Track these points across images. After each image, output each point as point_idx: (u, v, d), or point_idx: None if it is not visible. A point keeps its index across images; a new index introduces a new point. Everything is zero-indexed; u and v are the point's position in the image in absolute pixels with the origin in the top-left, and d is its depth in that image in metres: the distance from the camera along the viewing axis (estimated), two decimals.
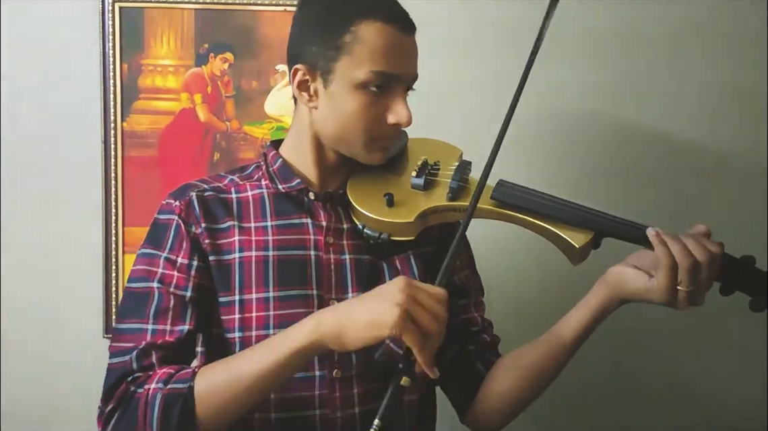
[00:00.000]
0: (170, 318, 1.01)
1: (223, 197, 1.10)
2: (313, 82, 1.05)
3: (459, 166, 1.12)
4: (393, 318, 0.84)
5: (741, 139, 1.62)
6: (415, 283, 0.88)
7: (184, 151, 1.60)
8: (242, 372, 0.92)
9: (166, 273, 1.03)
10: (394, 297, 0.86)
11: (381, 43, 1.01)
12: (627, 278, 1.00)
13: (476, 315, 1.19)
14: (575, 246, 1.02)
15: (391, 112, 1.04)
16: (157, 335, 0.99)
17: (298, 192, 1.10)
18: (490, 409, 1.14)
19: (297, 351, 0.90)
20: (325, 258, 1.07)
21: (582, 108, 1.61)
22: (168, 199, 1.09)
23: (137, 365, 0.97)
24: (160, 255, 1.04)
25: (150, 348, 0.98)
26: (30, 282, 1.60)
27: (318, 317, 0.91)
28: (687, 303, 0.96)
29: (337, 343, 0.89)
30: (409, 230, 1.07)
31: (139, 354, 0.97)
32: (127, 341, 0.99)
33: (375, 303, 0.87)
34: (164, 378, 0.94)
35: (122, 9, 1.56)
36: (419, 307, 0.86)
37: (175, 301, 1.02)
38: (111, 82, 1.56)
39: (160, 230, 1.07)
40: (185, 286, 1.03)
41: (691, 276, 0.94)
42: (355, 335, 0.87)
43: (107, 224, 1.59)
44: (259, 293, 1.04)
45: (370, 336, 0.87)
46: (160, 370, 0.96)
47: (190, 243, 1.05)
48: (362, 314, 0.87)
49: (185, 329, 1.01)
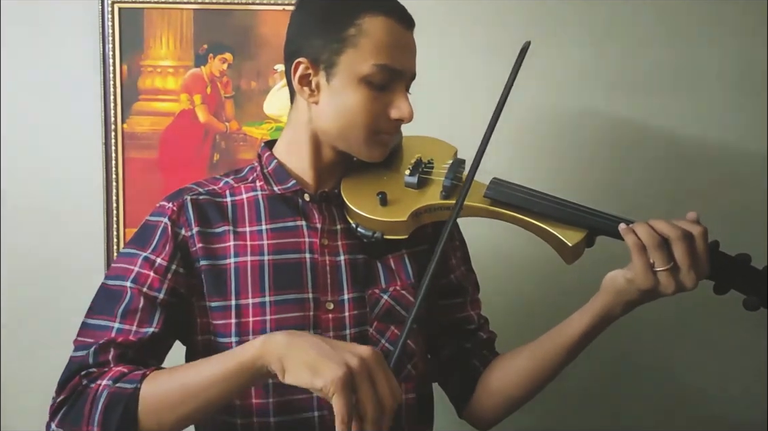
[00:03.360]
0: (137, 319, 1.00)
1: (218, 201, 1.09)
2: (315, 76, 1.05)
3: (453, 164, 1.11)
4: (332, 375, 0.79)
5: (741, 136, 1.61)
6: (383, 363, 0.83)
7: (184, 152, 1.60)
8: (187, 381, 0.90)
9: (142, 272, 1.03)
10: (349, 357, 0.81)
11: (385, 36, 1.02)
12: (615, 278, 0.99)
13: (472, 313, 1.20)
14: (568, 244, 1.01)
15: (393, 107, 1.05)
16: (120, 333, 0.99)
17: (293, 193, 1.10)
18: (488, 405, 1.15)
19: (241, 364, 0.87)
20: (320, 261, 1.07)
21: (578, 104, 1.60)
22: (162, 202, 1.10)
23: (93, 360, 0.97)
24: (140, 255, 1.04)
25: (109, 345, 0.98)
26: (31, 283, 1.61)
27: (270, 337, 0.87)
28: (671, 285, 0.94)
29: (278, 365, 0.84)
30: (403, 229, 1.07)
31: (96, 349, 0.97)
32: (91, 337, 0.99)
33: (328, 351, 0.82)
34: (115, 376, 0.93)
35: (121, 10, 1.56)
36: (367, 384, 0.81)
37: (145, 302, 1.01)
38: (111, 83, 1.57)
39: (147, 231, 1.07)
40: (159, 288, 1.02)
41: (660, 253, 0.93)
42: (294, 368, 0.83)
43: (108, 225, 1.59)
44: (255, 298, 1.03)
45: (306, 378, 0.81)
46: (115, 367, 0.95)
47: (174, 247, 1.04)
48: (309, 353, 0.83)
49: (149, 331, 1.00)
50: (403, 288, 1.10)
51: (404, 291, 1.10)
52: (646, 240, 0.93)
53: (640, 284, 0.95)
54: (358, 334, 1.06)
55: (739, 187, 1.62)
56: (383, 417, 0.81)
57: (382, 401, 0.81)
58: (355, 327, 1.06)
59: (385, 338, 1.07)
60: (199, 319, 1.05)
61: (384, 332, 1.07)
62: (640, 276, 0.94)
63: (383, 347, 1.07)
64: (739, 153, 1.61)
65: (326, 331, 1.04)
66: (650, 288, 0.95)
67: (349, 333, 1.05)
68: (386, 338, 1.07)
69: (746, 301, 0.98)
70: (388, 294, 1.08)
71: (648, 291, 0.95)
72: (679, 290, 0.95)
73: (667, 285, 0.94)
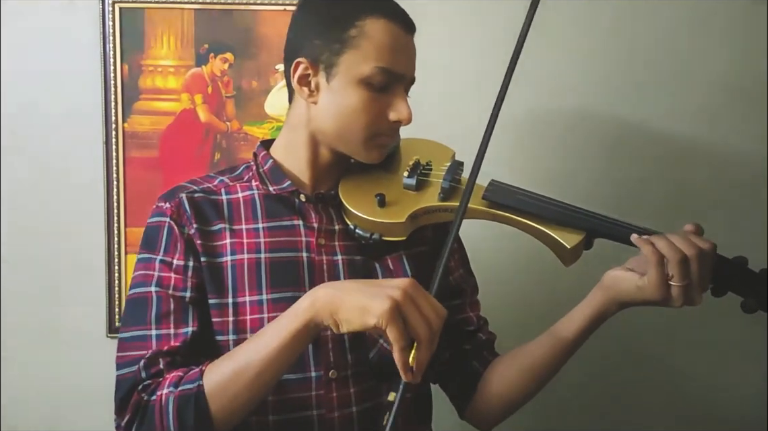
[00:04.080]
0: (173, 322, 1.01)
1: (214, 199, 1.09)
2: (315, 76, 1.05)
3: (451, 166, 1.11)
4: (381, 309, 0.83)
5: (741, 138, 1.61)
6: (420, 288, 0.87)
7: (185, 151, 1.60)
8: (248, 362, 0.91)
9: (163, 275, 1.03)
10: (391, 290, 0.85)
11: (386, 39, 1.02)
12: (621, 280, 0.99)
13: (472, 315, 1.20)
14: (566, 246, 1.01)
15: (392, 109, 1.05)
16: (161, 341, 1.00)
17: (289, 194, 1.09)
18: (489, 406, 1.15)
19: (297, 330, 0.90)
20: (317, 260, 1.07)
21: (577, 107, 1.60)
22: (158, 202, 1.09)
23: (146, 374, 0.97)
24: (155, 258, 1.04)
25: (157, 356, 0.98)
26: (32, 282, 1.61)
27: (313, 294, 0.90)
28: (681, 299, 0.95)
29: (332, 320, 0.88)
30: (401, 230, 1.07)
31: (146, 363, 0.97)
32: (133, 350, 0.99)
33: (370, 290, 0.86)
34: (174, 382, 0.94)
35: (122, 9, 1.56)
36: (414, 309, 0.84)
37: (175, 304, 1.02)
38: (112, 82, 1.57)
39: (153, 233, 1.07)
40: (184, 287, 1.03)
41: (681, 269, 0.93)
42: (346, 316, 0.87)
43: (109, 225, 1.59)
44: (252, 296, 1.04)
45: (358, 321, 0.86)
46: (170, 375, 0.96)
47: (185, 244, 1.05)
48: (355, 297, 0.86)
49: (189, 331, 1.01)
50: None
51: None
52: (668, 254, 0.94)
53: (650, 294, 0.95)
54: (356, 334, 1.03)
55: (739, 187, 1.61)
56: (434, 336, 0.85)
57: (429, 320, 0.85)
58: None
59: (382, 338, 1.06)
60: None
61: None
62: (653, 287, 0.95)
63: (381, 347, 1.07)
64: (739, 154, 1.61)
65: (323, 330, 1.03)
66: (660, 300, 0.95)
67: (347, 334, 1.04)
68: (384, 338, 1.07)
69: (744, 304, 0.99)
70: None
71: (655, 302, 0.96)
72: (687, 304, 0.96)
73: (678, 299, 0.95)
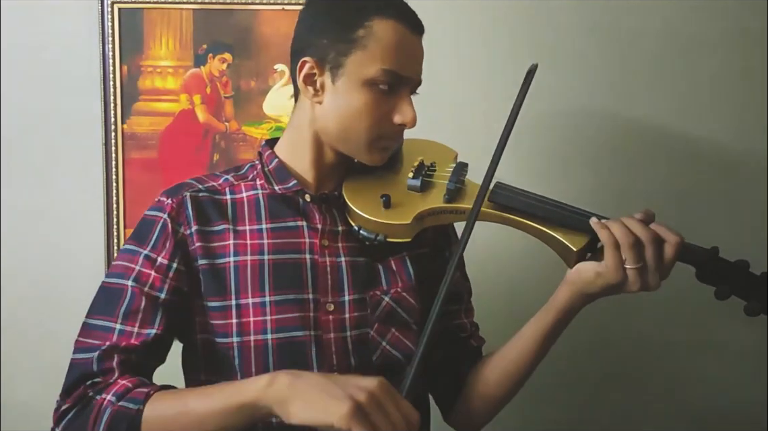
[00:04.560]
0: (139, 320, 1.00)
1: (218, 198, 1.08)
2: (320, 76, 1.04)
3: (456, 168, 1.11)
4: (342, 411, 0.80)
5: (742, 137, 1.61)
6: (391, 391, 0.84)
7: (184, 152, 1.60)
8: (189, 409, 0.91)
9: (143, 271, 1.02)
10: (356, 392, 0.82)
11: (394, 41, 1.01)
12: (582, 271, 1.00)
13: (466, 321, 1.20)
14: (573, 249, 1.01)
15: (397, 112, 1.04)
16: (122, 336, 0.98)
17: (293, 193, 1.09)
18: (472, 408, 1.15)
19: (243, 404, 0.88)
20: (320, 262, 1.06)
21: (581, 108, 1.60)
22: (161, 197, 1.08)
23: (97, 367, 0.96)
24: (141, 252, 1.03)
25: (112, 351, 0.97)
26: (31, 284, 1.61)
27: (275, 375, 0.88)
28: (637, 282, 0.97)
29: (282, 409, 0.85)
30: (406, 232, 1.07)
31: (100, 355, 0.97)
32: (93, 338, 0.99)
33: (334, 389, 0.83)
34: (120, 392, 0.93)
35: (121, 10, 1.56)
36: (379, 414, 0.81)
37: (146, 302, 1.00)
38: (111, 83, 1.57)
39: (146, 226, 1.05)
40: (161, 287, 1.02)
41: (634, 252, 0.95)
42: (300, 409, 0.83)
43: (108, 226, 1.59)
44: (255, 298, 1.03)
45: (315, 418, 0.82)
46: (121, 380, 0.95)
47: (174, 244, 1.03)
48: (315, 392, 0.84)
49: (152, 333, 1.00)
50: (404, 290, 1.10)
51: (405, 293, 1.10)
52: (620, 238, 0.96)
53: (609, 278, 0.97)
54: (359, 336, 1.06)
55: (741, 187, 1.62)
56: None
57: (396, 427, 0.82)
58: (355, 329, 1.06)
59: (385, 340, 1.07)
60: (197, 318, 1.05)
61: (385, 335, 1.07)
62: (611, 271, 0.96)
63: (384, 349, 1.07)
64: (740, 153, 1.61)
65: (327, 332, 1.04)
66: (618, 283, 0.97)
67: (350, 335, 1.05)
68: (387, 340, 1.07)
69: (747, 307, 0.99)
70: (389, 296, 1.08)
71: (614, 286, 0.98)
72: (643, 289, 0.98)
73: (634, 283, 0.97)
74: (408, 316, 1.09)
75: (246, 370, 1.01)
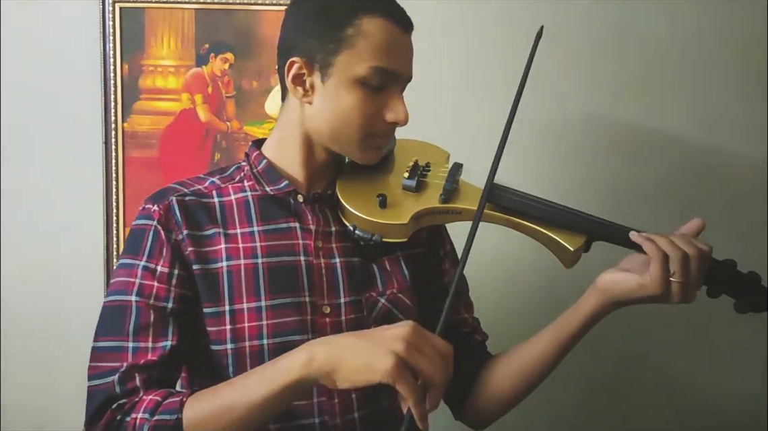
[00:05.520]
0: (151, 335, 0.96)
1: (206, 202, 1.06)
2: (310, 75, 1.02)
3: (452, 169, 1.11)
4: (386, 367, 0.80)
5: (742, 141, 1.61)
6: (422, 332, 0.85)
7: (185, 151, 1.60)
8: (233, 404, 0.88)
9: (145, 283, 0.99)
10: (393, 344, 0.82)
11: (383, 38, 1.00)
12: (618, 281, 0.99)
13: (467, 316, 1.19)
14: (570, 249, 1.01)
15: (389, 109, 1.03)
16: (138, 354, 0.95)
17: (285, 194, 1.07)
18: (483, 406, 1.15)
19: (289, 385, 0.86)
20: (315, 264, 1.05)
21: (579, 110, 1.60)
22: (146, 204, 1.05)
23: (120, 389, 0.93)
24: (138, 264, 1.00)
25: (132, 370, 0.94)
26: (31, 282, 1.61)
27: (311, 350, 0.86)
28: (680, 296, 0.96)
29: (328, 380, 0.85)
30: (403, 231, 1.05)
31: (121, 377, 0.93)
32: (107, 361, 0.95)
33: (372, 346, 0.83)
34: (151, 407, 0.90)
35: (123, 9, 1.56)
36: (420, 358, 0.82)
37: (155, 315, 0.97)
38: (111, 82, 1.57)
39: (137, 236, 1.02)
40: (166, 297, 0.99)
41: (682, 266, 0.95)
42: (347, 376, 0.84)
43: (108, 225, 1.59)
44: (250, 302, 1.00)
45: (362, 379, 0.83)
46: (147, 396, 0.92)
47: (171, 251, 1.00)
48: (356, 355, 0.83)
49: (168, 345, 0.97)
50: (400, 291, 1.09)
51: (401, 294, 1.09)
52: (670, 252, 0.95)
53: (652, 290, 0.96)
54: None
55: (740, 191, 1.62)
56: (447, 376, 0.83)
57: (437, 364, 0.82)
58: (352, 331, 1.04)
59: None
60: (201, 323, 1.02)
61: None
62: (656, 284, 0.96)
63: None
64: (740, 157, 1.61)
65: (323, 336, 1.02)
66: (660, 296, 0.97)
67: None
68: None
69: (736, 305, 1.04)
70: (384, 298, 1.07)
71: (655, 298, 0.97)
72: (683, 301, 0.97)
73: (676, 295, 0.97)
74: (404, 317, 1.07)
75: None
